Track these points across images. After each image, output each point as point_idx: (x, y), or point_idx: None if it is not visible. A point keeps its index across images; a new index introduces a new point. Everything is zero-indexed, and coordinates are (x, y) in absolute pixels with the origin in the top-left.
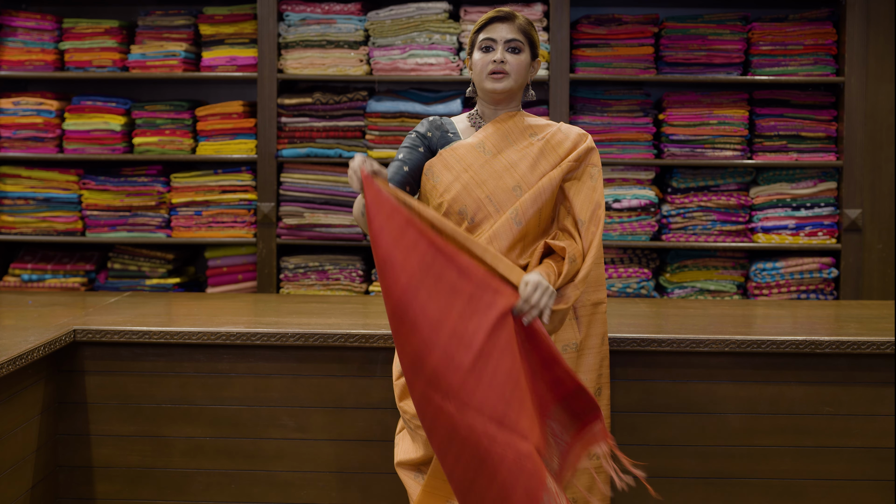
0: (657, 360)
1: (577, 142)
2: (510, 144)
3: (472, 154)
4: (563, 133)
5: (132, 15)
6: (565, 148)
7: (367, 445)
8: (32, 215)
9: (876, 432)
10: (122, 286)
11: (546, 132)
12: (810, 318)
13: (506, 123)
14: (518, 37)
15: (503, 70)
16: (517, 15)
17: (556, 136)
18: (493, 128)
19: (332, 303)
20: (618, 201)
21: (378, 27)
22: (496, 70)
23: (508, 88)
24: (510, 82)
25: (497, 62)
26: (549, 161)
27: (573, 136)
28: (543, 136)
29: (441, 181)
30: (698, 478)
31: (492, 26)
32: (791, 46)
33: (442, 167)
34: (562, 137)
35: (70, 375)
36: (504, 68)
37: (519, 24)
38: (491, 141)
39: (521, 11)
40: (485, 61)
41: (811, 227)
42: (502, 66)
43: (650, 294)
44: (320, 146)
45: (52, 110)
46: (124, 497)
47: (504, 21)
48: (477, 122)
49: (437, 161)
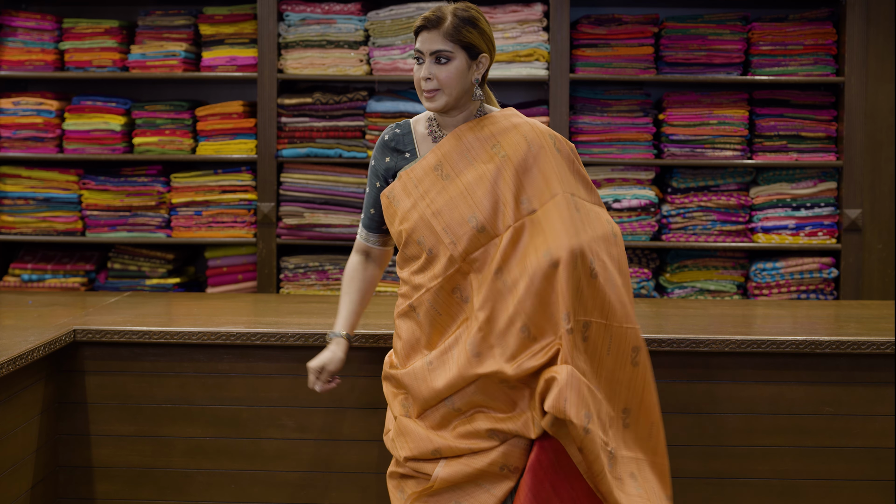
0: (657, 360)
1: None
2: (469, 164)
3: (430, 178)
4: (526, 142)
5: (132, 15)
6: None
7: (367, 445)
8: (32, 215)
9: (876, 432)
10: (122, 286)
11: (508, 141)
12: (810, 318)
13: (464, 138)
14: (445, 46)
15: (433, 88)
16: (445, 17)
17: (518, 151)
18: (450, 144)
19: (332, 303)
20: (618, 201)
21: (378, 27)
22: (427, 89)
23: (444, 105)
24: (444, 98)
25: (425, 79)
26: (507, 181)
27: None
28: (504, 150)
29: (400, 207)
30: (698, 478)
31: (420, 36)
32: (791, 46)
33: (401, 191)
34: (523, 151)
35: (70, 375)
36: (433, 86)
37: (445, 31)
38: (449, 162)
39: (520, 11)
40: (417, 78)
41: (811, 227)
42: (431, 84)
43: (650, 294)
44: (320, 146)
45: (52, 110)
46: (124, 497)
47: (430, 29)
48: (434, 132)
49: (398, 185)
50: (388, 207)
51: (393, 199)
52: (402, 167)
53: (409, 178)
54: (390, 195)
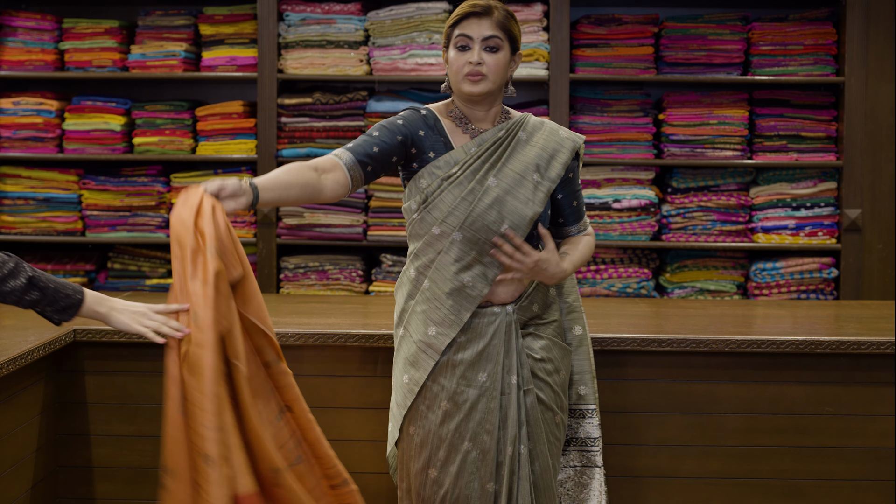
0: (657, 360)
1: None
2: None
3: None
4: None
5: (132, 15)
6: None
7: (366, 445)
8: (32, 215)
9: (876, 432)
10: (122, 286)
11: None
12: (810, 318)
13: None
14: (496, 33)
15: (480, 72)
16: (495, 7)
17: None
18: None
19: (332, 303)
20: (618, 201)
21: (378, 27)
22: (473, 72)
23: (487, 91)
24: (488, 84)
25: (473, 63)
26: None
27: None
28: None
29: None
30: (698, 478)
31: (467, 22)
32: (791, 46)
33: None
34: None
35: (70, 375)
36: (481, 70)
37: (497, 20)
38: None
39: (520, 11)
40: (460, 62)
41: (811, 227)
42: (479, 69)
43: (650, 294)
44: (320, 146)
45: (52, 110)
46: (124, 497)
47: (481, 16)
48: (460, 121)
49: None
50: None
51: (434, 201)
52: (437, 148)
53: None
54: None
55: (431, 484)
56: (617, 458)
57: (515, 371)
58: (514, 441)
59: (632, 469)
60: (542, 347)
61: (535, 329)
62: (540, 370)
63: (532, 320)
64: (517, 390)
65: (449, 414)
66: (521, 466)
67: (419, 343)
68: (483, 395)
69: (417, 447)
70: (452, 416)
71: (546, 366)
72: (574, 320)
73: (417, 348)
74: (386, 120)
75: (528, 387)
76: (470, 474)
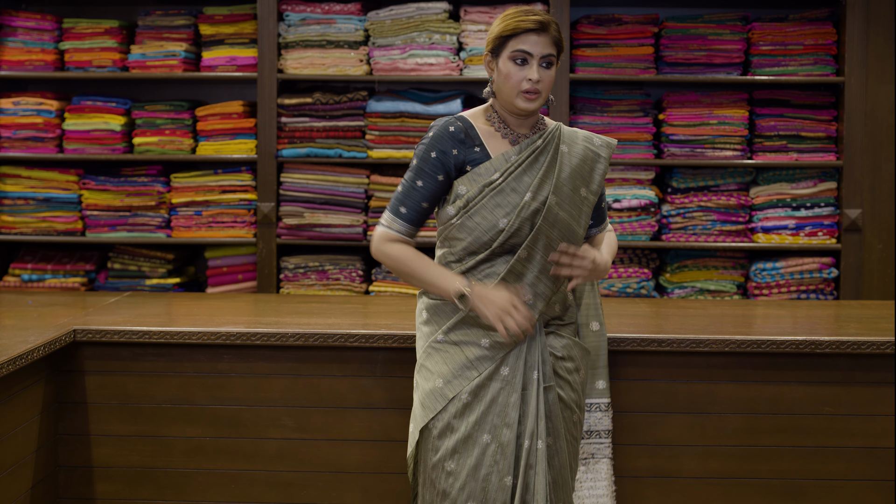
0: (657, 360)
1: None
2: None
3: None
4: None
5: (132, 15)
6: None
7: (367, 445)
8: (32, 215)
9: (876, 432)
10: (122, 286)
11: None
12: (810, 318)
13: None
14: (552, 51)
15: (537, 90)
16: (551, 23)
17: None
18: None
19: (332, 303)
20: (618, 201)
21: (378, 27)
22: (531, 90)
23: (538, 107)
24: (542, 100)
25: (533, 81)
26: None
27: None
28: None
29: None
30: (698, 478)
31: (526, 37)
32: (791, 46)
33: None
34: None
35: (70, 375)
36: (538, 87)
37: (553, 36)
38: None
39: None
40: (519, 77)
41: (811, 227)
42: (537, 87)
43: (650, 294)
44: (320, 146)
45: (52, 110)
46: (124, 497)
47: (541, 33)
48: (501, 128)
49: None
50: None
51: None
52: (472, 159)
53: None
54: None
55: (448, 476)
56: (617, 458)
57: (538, 367)
58: (533, 435)
59: (632, 469)
60: (564, 346)
61: (556, 329)
62: (561, 368)
63: (553, 320)
64: (538, 386)
65: (469, 406)
66: (538, 461)
67: (474, 356)
68: (504, 387)
69: (435, 439)
70: (473, 409)
71: (567, 364)
72: (592, 317)
73: (467, 358)
74: (421, 156)
75: (550, 383)
76: (488, 467)
